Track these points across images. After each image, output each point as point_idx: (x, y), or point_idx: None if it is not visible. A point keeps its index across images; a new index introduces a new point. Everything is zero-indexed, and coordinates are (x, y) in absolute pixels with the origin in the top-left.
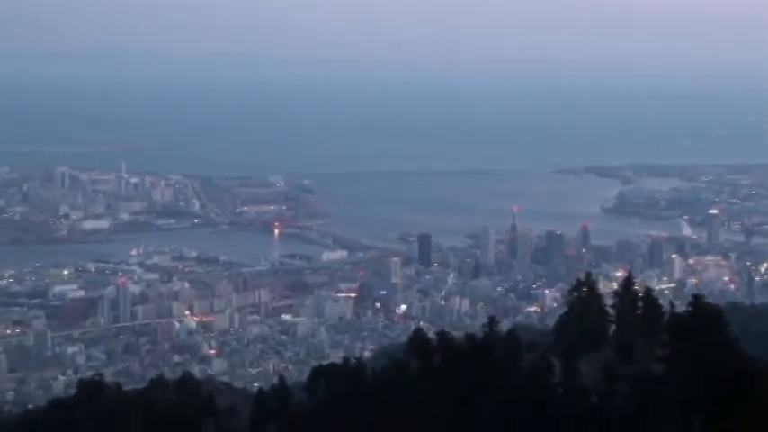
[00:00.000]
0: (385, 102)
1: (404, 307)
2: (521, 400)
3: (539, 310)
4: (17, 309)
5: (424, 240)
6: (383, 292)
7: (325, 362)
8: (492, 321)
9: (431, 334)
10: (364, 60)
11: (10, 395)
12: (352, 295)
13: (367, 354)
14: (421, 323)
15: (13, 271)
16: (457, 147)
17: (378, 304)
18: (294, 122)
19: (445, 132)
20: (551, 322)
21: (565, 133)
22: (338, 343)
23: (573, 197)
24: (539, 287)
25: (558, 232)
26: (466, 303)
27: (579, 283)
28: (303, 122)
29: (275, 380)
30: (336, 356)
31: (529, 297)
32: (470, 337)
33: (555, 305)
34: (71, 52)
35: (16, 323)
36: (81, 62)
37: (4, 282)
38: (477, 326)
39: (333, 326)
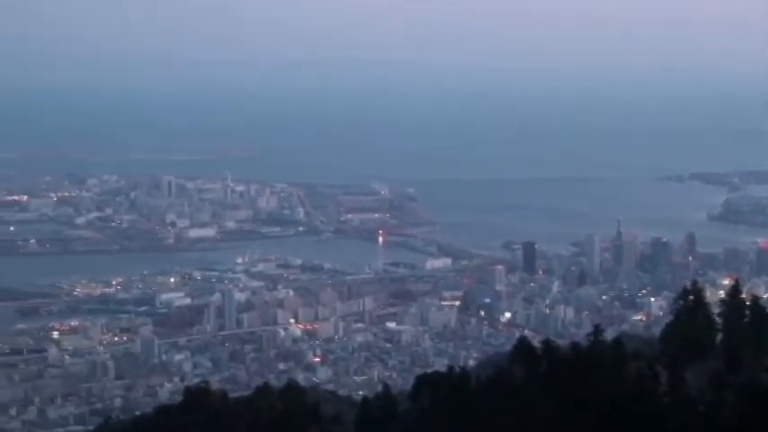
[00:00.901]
0: (488, 109)
1: (508, 315)
2: (626, 410)
3: (644, 318)
4: (125, 316)
5: (529, 248)
6: (487, 301)
7: (429, 370)
8: (597, 330)
9: (535, 342)
10: (466, 67)
11: (117, 402)
12: (457, 303)
13: (471, 362)
14: (525, 331)
15: (120, 279)
16: (561, 154)
17: (482, 312)
18: (398, 129)
19: (549, 139)
20: (657, 331)
21: (670, 140)
22: (442, 351)
23: (679, 204)
24: (644, 295)
25: (664, 240)
26: (571, 312)
27: (685, 292)
28: (407, 129)
29: (380, 388)
30: (441, 365)
31: (634, 305)
32: (575, 346)
33: (661, 313)
34: (169, 61)
35: (124, 330)
36: (182, 70)
37: (112, 289)
38: (581, 334)
39: (437, 334)
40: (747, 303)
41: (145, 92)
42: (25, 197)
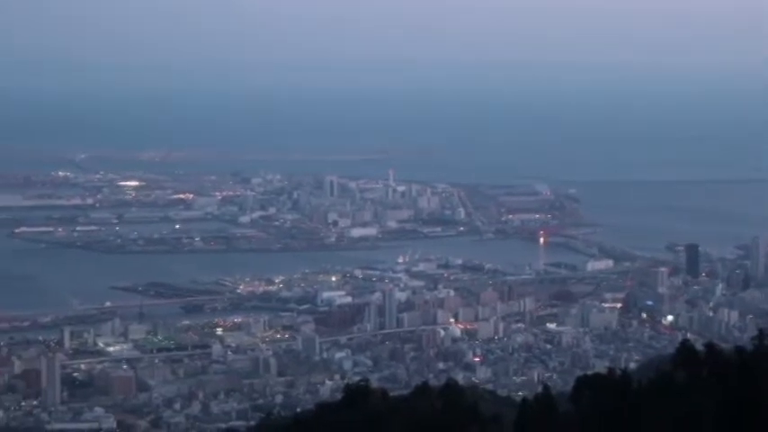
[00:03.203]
0: (649, 108)
1: (670, 318)
2: None
3: None
4: (286, 314)
5: (692, 250)
6: (649, 303)
7: (589, 372)
8: (762, 334)
9: (698, 346)
10: (629, 65)
11: (279, 398)
12: (618, 305)
13: (632, 365)
14: (688, 334)
15: (283, 277)
16: (727, 154)
17: (644, 315)
18: (560, 129)
19: (714, 139)
20: None
21: None
22: (603, 353)
23: None
24: None
25: None
26: (735, 315)
27: None
28: (569, 129)
29: (539, 389)
30: (601, 367)
31: None
32: (739, 350)
33: None
34: (344, 62)
35: (286, 328)
36: (352, 72)
37: (275, 287)
38: (746, 338)
39: (598, 336)
40: None
41: (311, 92)
42: (191, 195)
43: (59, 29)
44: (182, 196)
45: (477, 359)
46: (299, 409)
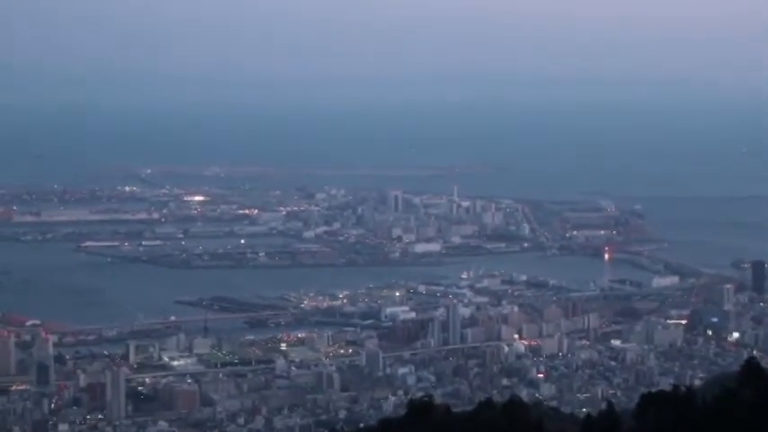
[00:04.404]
0: (722, 123)
1: (736, 335)
2: None
3: None
4: (350, 329)
5: (758, 267)
6: (715, 320)
7: (654, 389)
8: None
9: (764, 363)
10: (698, 81)
11: (342, 413)
12: (683, 322)
13: (697, 382)
14: (754, 352)
15: (347, 292)
16: None
17: (709, 332)
18: (625, 145)
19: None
20: None
21: None
22: (668, 370)
23: None
24: None
25: None
26: None
27: None
28: (633, 145)
29: (603, 406)
30: (666, 384)
31: None
32: None
33: None
34: (407, 77)
35: (349, 343)
36: (414, 87)
37: (339, 302)
38: None
39: (662, 353)
40: None
41: (378, 106)
42: (255, 211)
43: (133, 46)
44: (246, 211)
45: (540, 375)
46: (362, 425)
